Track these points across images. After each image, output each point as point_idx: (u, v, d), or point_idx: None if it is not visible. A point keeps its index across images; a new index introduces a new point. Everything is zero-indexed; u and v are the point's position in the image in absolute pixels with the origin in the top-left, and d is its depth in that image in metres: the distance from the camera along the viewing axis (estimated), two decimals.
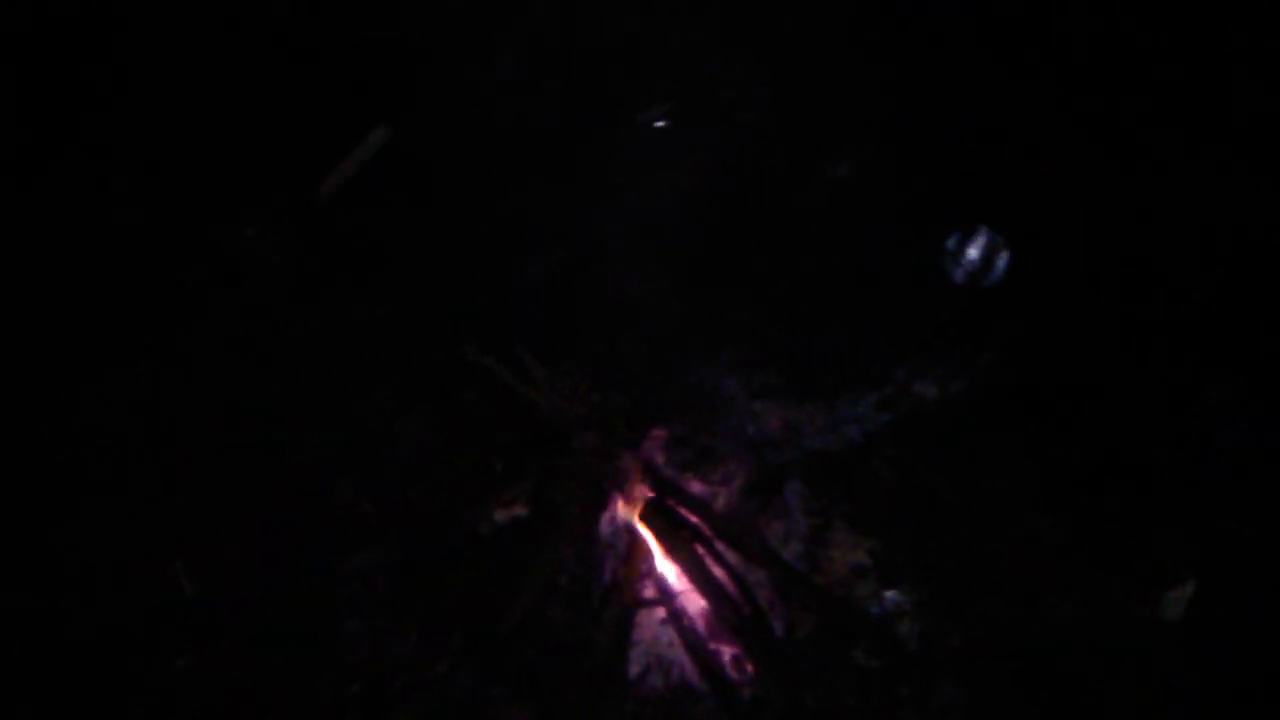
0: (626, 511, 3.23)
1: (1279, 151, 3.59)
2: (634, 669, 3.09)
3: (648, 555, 3.23)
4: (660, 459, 3.47)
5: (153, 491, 3.31)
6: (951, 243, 3.78)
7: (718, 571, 3.16)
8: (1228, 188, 3.63)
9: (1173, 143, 3.73)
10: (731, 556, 3.23)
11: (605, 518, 3.29)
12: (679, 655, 3.11)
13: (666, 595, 3.18)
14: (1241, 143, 3.64)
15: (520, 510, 3.26)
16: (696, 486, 3.43)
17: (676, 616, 3.14)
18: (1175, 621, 3.13)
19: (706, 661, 3.05)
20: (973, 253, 3.77)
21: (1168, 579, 3.18)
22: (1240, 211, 3.61)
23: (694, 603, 3.17)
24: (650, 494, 3.24)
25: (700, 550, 3.18)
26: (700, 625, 3.14)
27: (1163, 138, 3.76)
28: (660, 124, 3.91)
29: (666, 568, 3.21)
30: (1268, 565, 3.15)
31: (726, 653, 3.10)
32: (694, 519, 3.24)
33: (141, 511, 3.26)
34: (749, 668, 3.05)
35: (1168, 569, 3.20)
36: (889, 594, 3.22)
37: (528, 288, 3.75)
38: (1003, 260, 3.77)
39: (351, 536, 3.25)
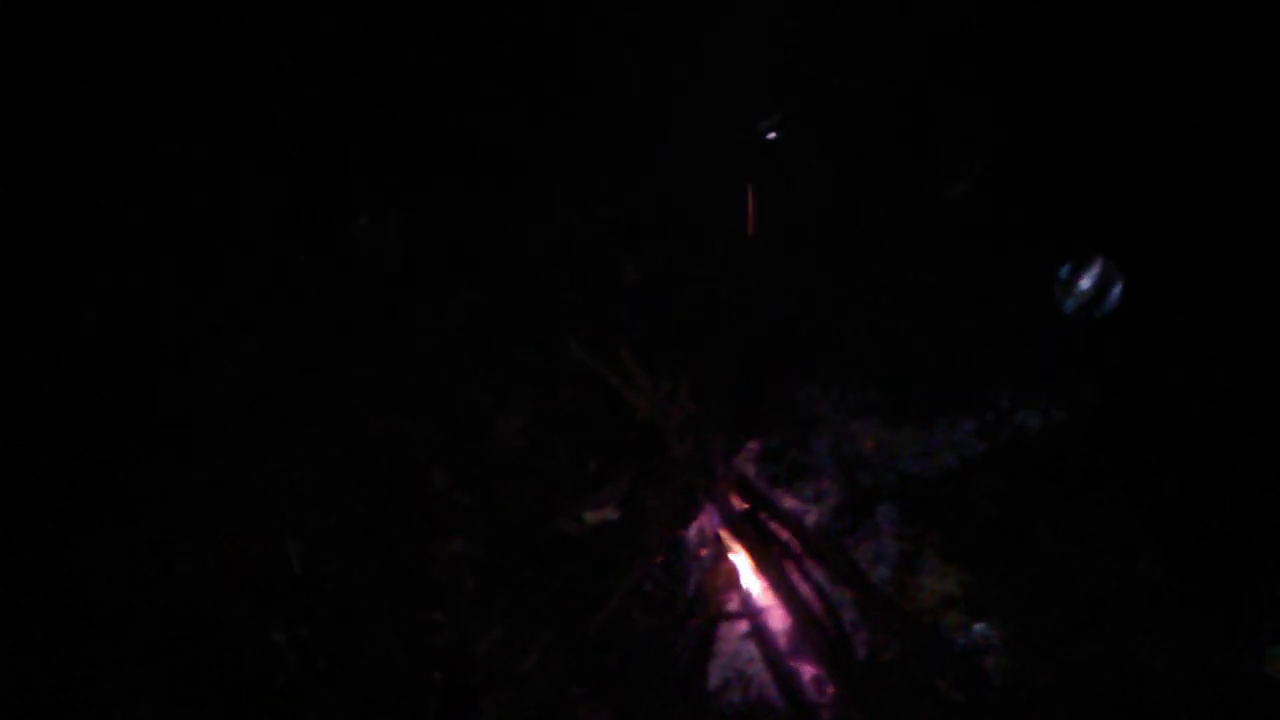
0: (717, 522, 3.23)
1: None
2: (714, 681, 3.10)
3: (734, 568, 3.22)
4: (753, 471, 3.45)
5: (258, 469, 3.42)
6: (1064, 271, 3.68)
7: (804, 589, 3.14)
8: None
9: None
10: (819, 575, 3.20)
11: (695, 527, 3.30)
12: (759, 671, 3.10)
13: (751, 609, 3.17)
14: None
15: (612, 513, 3.28)
16: (787, 502, 3.41)
17: (759, 631, 3.13)
18: None
19: (787, 679, 3.03)
20: (1086, 282, 3.67)
21: (1274, 633, 3.06)
22: None
23: (778, 619, 3.15)
24: (742, 506, 3.23)
25: (788, 566, 3.16)
26: (783, 642, 3.12)
27: None
28: (773, 136, 3.88)
29: (753, 582, 3.20)
30: None
31: (807, 672, 3.08)
32: (784, 534, 3.22)
33: (247, 488, 3.37)
34: (829, 689, 3.02)
35: (1274, 622, 3.07)
36: (978, 626, 3.16)
37: (628, 291, 3.77)
38: (1116, 291, 3.65)
39: (444, 525, 3.31)
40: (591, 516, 3.27)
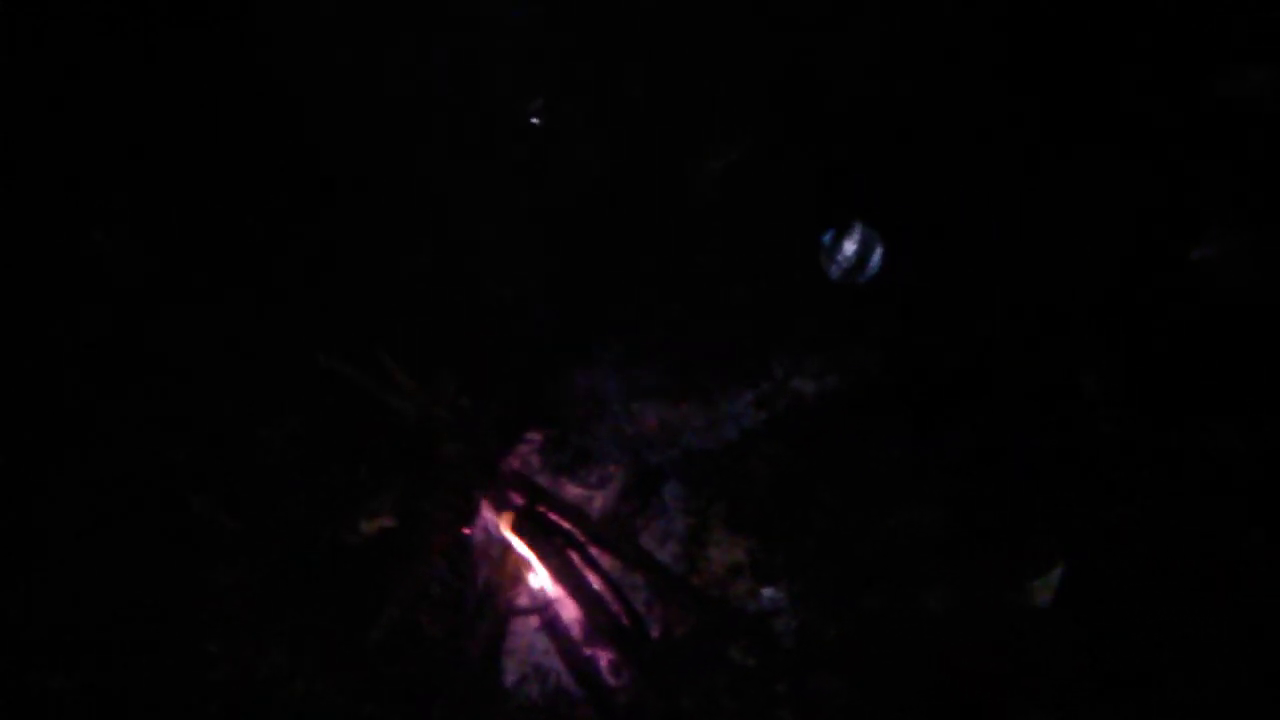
0: (498, 519, 3.17)
1: (1162, 151, 3.66)
2: (510, 678, 3.05)
3: (520, 563, 3.17)
4: (536, 463, 3.42)
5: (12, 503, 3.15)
6: (827, 238, 3.80)
7: (592, 577, 3.12)
8: (1104, 188, 3.70)
9: (1053, 141, 3.78)
10: (606, 561, 3.19)
11: (478, 526, 3.23)
12: (555, 663, 3.07)
13: (540, 603, 3.14)
14: (1126, 142, 3.70)
15: (387, 521, 3.18)
16: (573, 490, 3.39)
17: (551, 624, 3.10)
18: (1045, 607, 3.19)
19: (582, 668, 3.02)
20: (848, 248, 3.79)
21: (1037, 566, 3.24)
22: (1116, 212, 3.68)
23: (569, 609, 3.13)
24: (521, 501, 3.19)
25: (574, 556, 3.14)
26: (575, 631, 3.10)
27: (1040, 135, 3.82)
28: (535, 121, 3.84)
29: (540, 575, 3.16)
30: (1132, 550, 3.24)
31: (603, 658, 3.07)
32: (567, 525, 3.19)
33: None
34: (625, 672, 3.02)
35: (1037, 556, 3.26)
36: (766, 591, 3.23)
37: (397, 291, 3.65)
38: (877, 255, 3.80)
39: (213, 551, 3.13)
40: (367, 526, 3.16)
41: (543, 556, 3.10)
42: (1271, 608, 3.08)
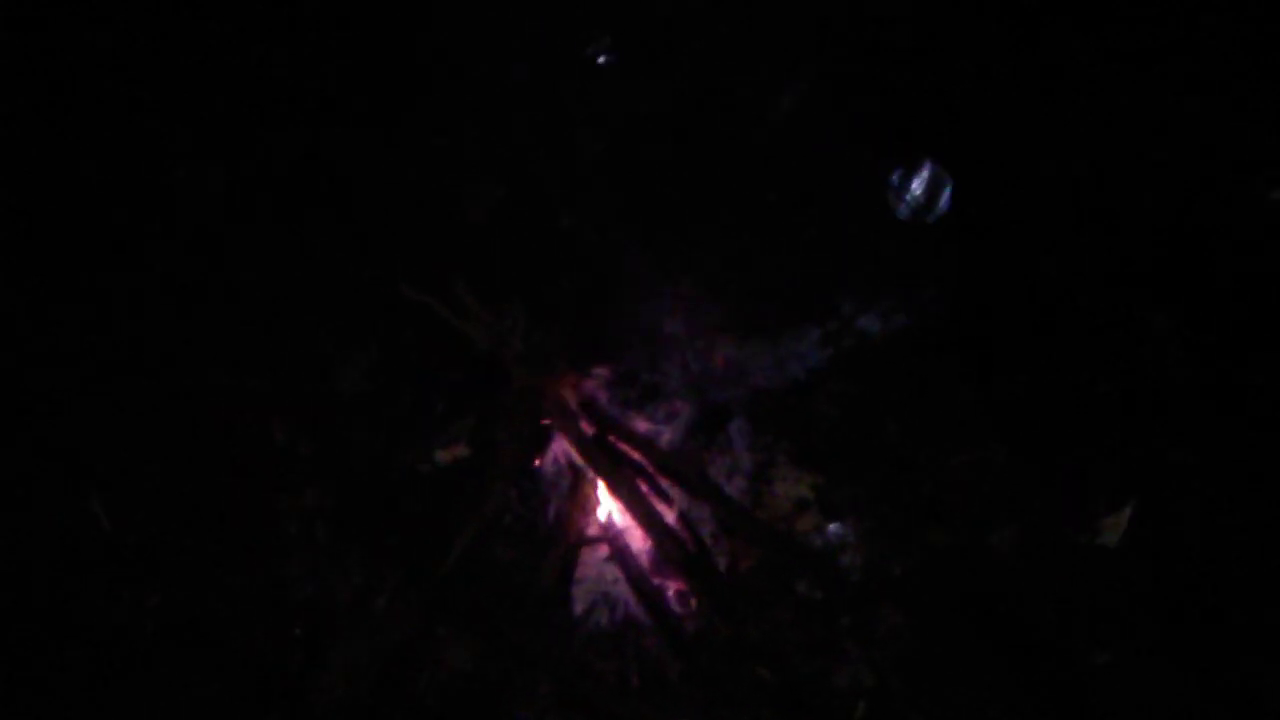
0: (568, 449, 3.23)
1: (1243, 89, 3.57)
2: (579, 606, 3.11)
3: (591, 493, 3.23)
4: (604, 397, 3.46)
5: (95, 433, 3.26)
6: (895, 177, 3.76)
7: (661, 508, 3.16)
8: (1182, 125, 3.63)
9: (1128, 75, 3.70)
10: (675, 493, 3.23)
11: (549, 456, 3.28)
12: (623, 592, 3.13)
13: (610, 533, 3.19)
14: (1205, 77, 3.61)
15: (461, 450, 3.24)
16: (641, 424, 3.42)
17: (621, 553, 3.15)
18: (1113, 546, 3.19)
19: (650, 597, 3.07)
20: (917, 186, 3.75)
21: (1106, 505, 3.23)
22: (1187, 146, 3.61)
23: (637, 539, 3.18)
24: (591, 431, 3.23)
25: (643, 487, 3.18)
26: (644, 562, 3.16)
27: (1114, 70, 3.74)
28: (603, 59, 3.83)
29: (610, 505, 3.22)
30: (1202, 490, 3.22)
31: (670, 588, 3.12)
32: (636, 456, 3.24)
33: (82, 453, 3.21)
34: (692, 602, 3.07)
35: (1106, 495, 3.25)
36: (832, 527, 3.26)
37: (468, 225, 3.68)
38: (946, 194, 3.75)
39: (291, 479, 3.21)
40: (443, 455, 3.23)
41: (612, 486, 3.15)
42: None
